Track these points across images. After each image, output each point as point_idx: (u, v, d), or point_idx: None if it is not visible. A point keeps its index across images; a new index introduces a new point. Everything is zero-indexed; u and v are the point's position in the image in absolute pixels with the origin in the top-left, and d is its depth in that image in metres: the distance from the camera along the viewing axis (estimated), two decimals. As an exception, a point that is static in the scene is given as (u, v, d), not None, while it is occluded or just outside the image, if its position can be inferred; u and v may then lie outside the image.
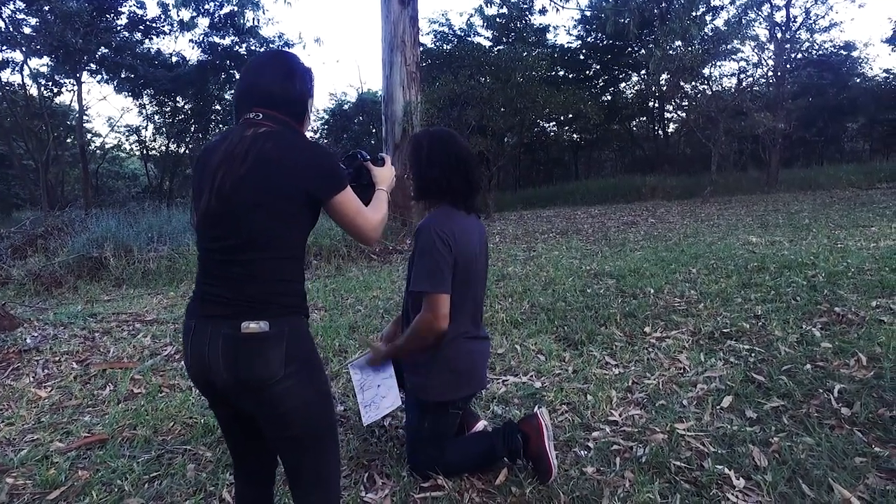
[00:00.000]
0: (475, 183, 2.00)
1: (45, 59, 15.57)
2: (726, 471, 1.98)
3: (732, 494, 1.86)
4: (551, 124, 22.42)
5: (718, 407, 2.48)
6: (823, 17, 17.11)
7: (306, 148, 1.31)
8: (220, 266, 1.29)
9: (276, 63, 1.39)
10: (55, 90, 17.15)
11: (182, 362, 3.50)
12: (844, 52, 21.15)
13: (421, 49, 10.24)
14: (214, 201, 1.27)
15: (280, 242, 1.29)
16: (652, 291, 4.44)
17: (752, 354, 3.02)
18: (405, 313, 2.05)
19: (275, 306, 1.27)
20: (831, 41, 20.08)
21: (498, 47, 18.20)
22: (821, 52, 20.14)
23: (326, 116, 21.34)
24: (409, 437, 2.09)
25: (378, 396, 2.14)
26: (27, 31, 14.33)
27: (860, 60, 22.41)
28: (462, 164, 1.96)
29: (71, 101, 18.06)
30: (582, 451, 2.21)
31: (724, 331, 3.41)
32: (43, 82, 16.38)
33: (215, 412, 1.45)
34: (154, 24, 17.06)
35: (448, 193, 1.95)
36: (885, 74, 22.56)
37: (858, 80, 22.44)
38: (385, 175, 1.61)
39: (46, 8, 13.65)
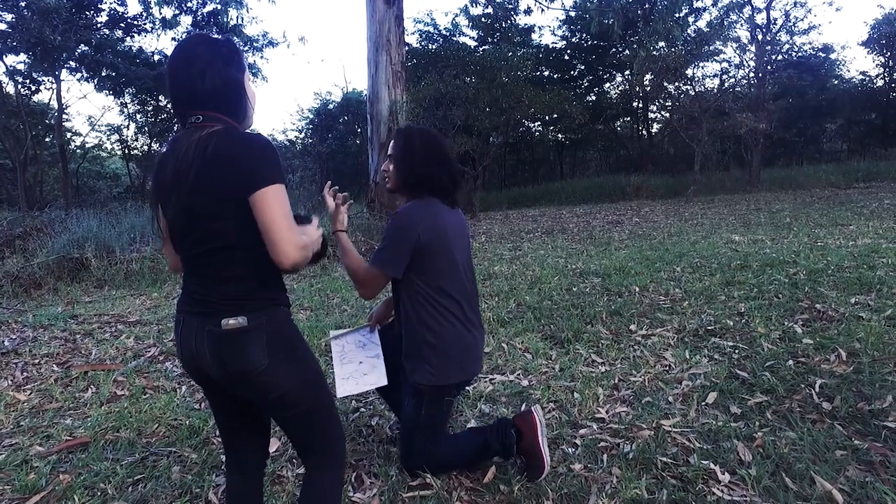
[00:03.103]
0: (458, 180, 2.09)
1: (22, 56, 15.27)
2: (712, 466, 2.00)
3: (718, 489, 1.88)
4: (536, 124, 22.52)
5: (703, 403, 2.51)
6: (802, 19, 17.45)
7: (242, 143, 1.26)
8: (197, 268, 1.34)
9: (192, 58, 1.30)
10: (33, 88, 16.82)
11: (166, 364, 3.45)
12: (823, 55, 21.55)
13: (406, 49, 10.22)
14: (178, 217, 1.31)
15: (248, 241, 1.29)
16: (637, 290, 4.48)
17: (736, 351, 3.06)
18: (395, 291, 2.07)
19: (251, 302, 1.31)
20: (810, 43, 20.49)
21: (483, 47, 18.27)
22: (800, 54, 20.50)
23: (311, 116, 21.22)
24: (404, 428, 2.08)
25: (358, 372, 2.13)
26: (2, 27, 14.03)
27: (838, 63, 22.87)
28: (448, 162, 2.04)
29: (49, 100, 17.72)
30: (569, 449, 2.22)
31: (709, 328, 3.45)
32: (20, 80, 16.05)
33: (210, 400, 1.49)
34: (135, 22, 16.83)
35: (433, 188, 2.00)
36: (861, 76, 23.09)
37: (836, 82, 22.89)
38: (310, 234, 1.44)
39: (23, 3, 13.38)
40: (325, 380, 1.47)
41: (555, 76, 22.69)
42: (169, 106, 18.97)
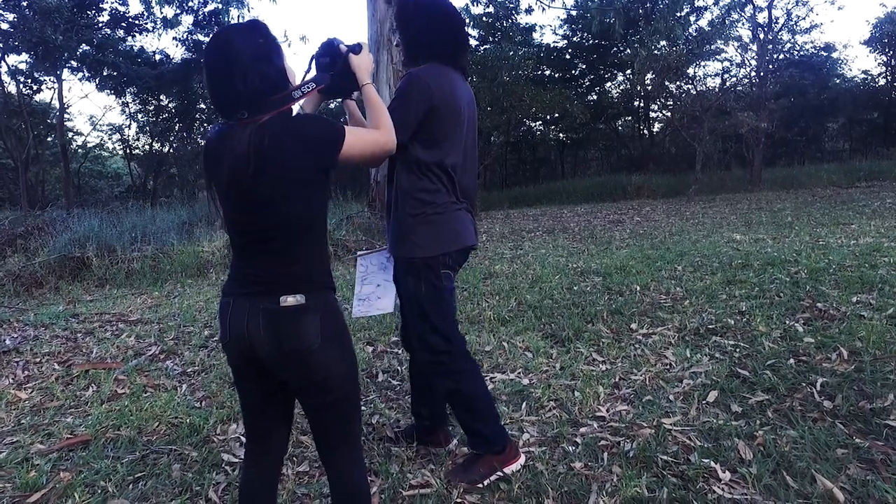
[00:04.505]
0: (462, 41, 2.01)
1: (24, 56, 15.30)
2: (712, 464, 2.00)
3: (718, 487, 1.88)
4: (537, 123, 22.54)
5: (704, 402, 2.51)
6: (804, 18, 17.39)
7: (297, 125, 1.35)
8: (254, 251, 1.38)
9: (230, 60, 1.30)
10: (35, 88, 16.86)
11: (167, 362, 3.46)
12: (825, 54, 21.54)
13: (407, 47, 10.20)
14: (237, 205, 1.35)
15: (306, 223, 1.37)
16: (638, 289, 4.48)
17: (737, 350, 3.05)
18: (390, 173, 2.01)
19: (308, 282, 1.36)
20: (812, 42, 20.46)
21: (484, 46, 18.27)
22: (802, 53, 20.48)
23: (313, 115, 21.22)
24: (412, 313, 1.97)
25: (374, 295, 2.11)
26: (4, 26, 14.06)
27: (839, 62, 22.84)
28: (449, 21, 1.96)
29: (51, 99, 17.76)
30: (570, 447, 2.22)
31: (710, 327, 3.44)
32: (22, 79, 16.10)
33: (243, 387, 1.48)
34: (137, 22, 16.85)
35: (437, 52, 1.92)
36: (863, 75, 23.06)
37: (838, 81, 22.86)
38: (365, 63, 1.61)
39: (25, 3, 13.41)
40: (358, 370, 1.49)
41: (556, 75, 22.67)
42: (170, 105, 19.06)
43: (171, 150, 19.97)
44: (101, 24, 16.25)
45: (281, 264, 1.35)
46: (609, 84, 23.95)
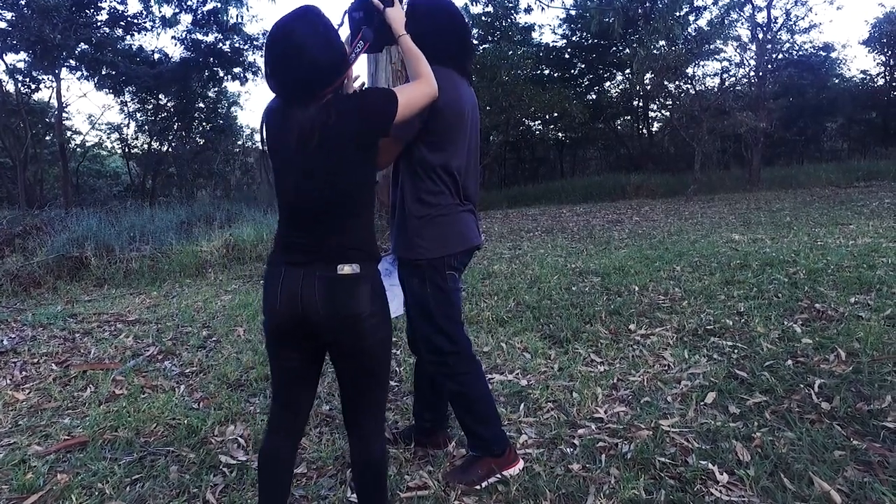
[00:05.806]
0: (468, 46, 2.05)
1: (23, 55, 15.25)
2: (710, 466, 2.00)
3: (716, 489, 1.88)
4: (536, 123, 22.52)
5: (702, 403, 2.51)
6: (803, 18, 17.35)
7: (358, 100, 1.46)
8: (312, 222, 1.45)
9: (297, 48, 1.39)
10: (33, 86, 16.81)
11: (164, 363, 3.45)
12: (823, 53, 21.51)
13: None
14: (300, 178, 1.44)
15: (364, 194, 1.48)
16: (636, 289, 4.48)
17: (735, 351, 3.05)
18: (395, 175, 2.02)
19: (361, 252, 1.46)
20: (811, 42, 20.42)
21: (483, 46, 18.23)
22: (801, 52, 20.45)
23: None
24: (418, 315, 1.98)
25: None
26: (2, 25, 14.00)
27: (838, 61, 22.83)
28: (456, 26, 1.99)
29: (49, 98, 17.70)
30: (568, 449, 2.22)
31: (708, 328, 3.45)
32: (20, 78, 16.05)
33: (281, 354, 1.52)
34: (135, 21, 16.77)
35: (440, 53, 1.91)
36: (862, 75, 23.05)
37: (837, 81, 22.85)
38: (399, 15, 1.72)
39: (23, 2, 13.38)
40: None
41: (555, 75, 22.64)
42: (169, 104, 19.04)
43: (169, 150, 19.93)
44: (99, 23, 16.18)
45: (338, 234, 1.44)
46: (608, 84, 23.90)
